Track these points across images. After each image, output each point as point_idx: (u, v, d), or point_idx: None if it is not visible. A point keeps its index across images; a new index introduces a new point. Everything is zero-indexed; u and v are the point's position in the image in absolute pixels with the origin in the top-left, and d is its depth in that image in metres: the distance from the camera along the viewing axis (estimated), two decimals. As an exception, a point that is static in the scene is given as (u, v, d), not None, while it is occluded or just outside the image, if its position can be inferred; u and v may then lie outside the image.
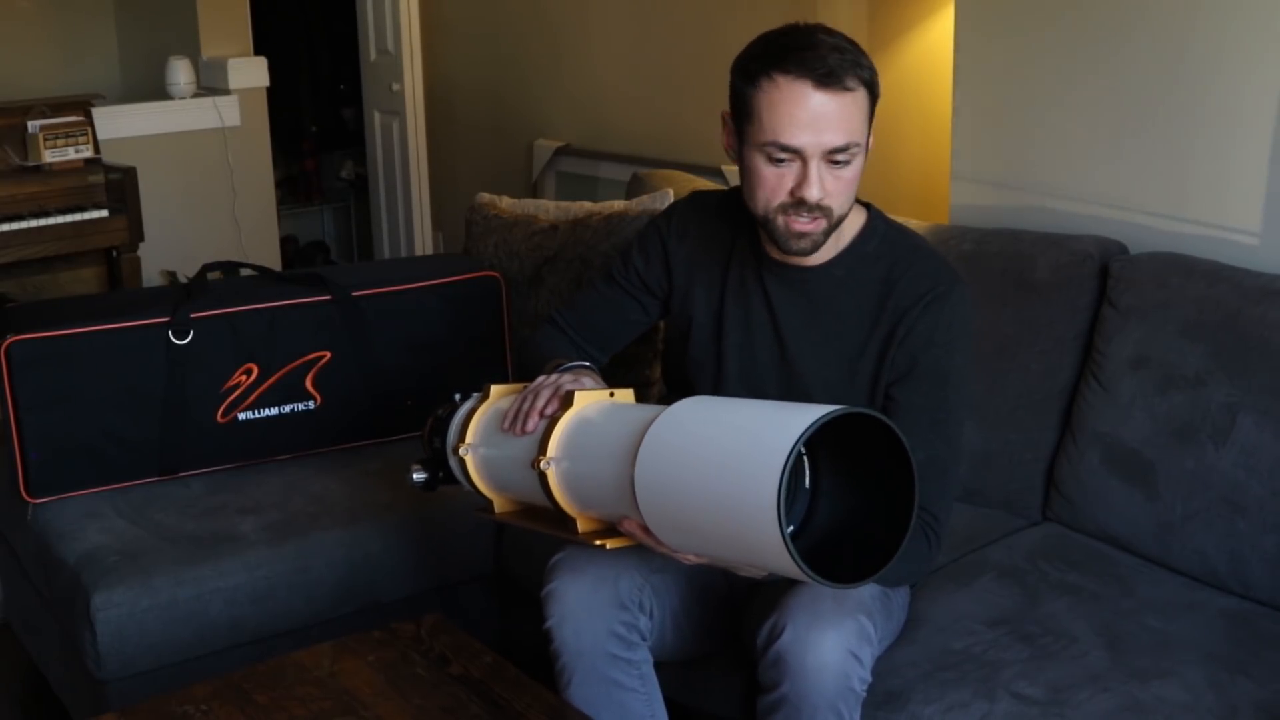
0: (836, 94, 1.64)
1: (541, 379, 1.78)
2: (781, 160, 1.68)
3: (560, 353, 1.96)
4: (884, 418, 1.48)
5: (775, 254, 1.82)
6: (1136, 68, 2.32)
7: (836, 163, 1.68)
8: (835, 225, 1.74)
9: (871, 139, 1.75)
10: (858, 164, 1.70)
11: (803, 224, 1.71)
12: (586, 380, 1.78)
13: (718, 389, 1.91)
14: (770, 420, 1.47)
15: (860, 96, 1.67)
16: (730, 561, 1.60)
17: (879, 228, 1.84)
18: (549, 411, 1.71)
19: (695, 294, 1.93)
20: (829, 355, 1.83)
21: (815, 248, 1.75)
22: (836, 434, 1.47)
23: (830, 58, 1.64)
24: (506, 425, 1.74)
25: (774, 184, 1.70)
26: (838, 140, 1.65)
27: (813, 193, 1.67)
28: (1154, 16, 2.28)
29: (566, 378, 1.76)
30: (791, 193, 1.69)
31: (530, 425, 1.71)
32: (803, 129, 1.65)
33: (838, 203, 1.71)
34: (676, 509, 1.52)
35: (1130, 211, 2.36)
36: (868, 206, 1.86)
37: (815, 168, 1.67)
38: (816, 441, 1.50)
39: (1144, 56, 2.31)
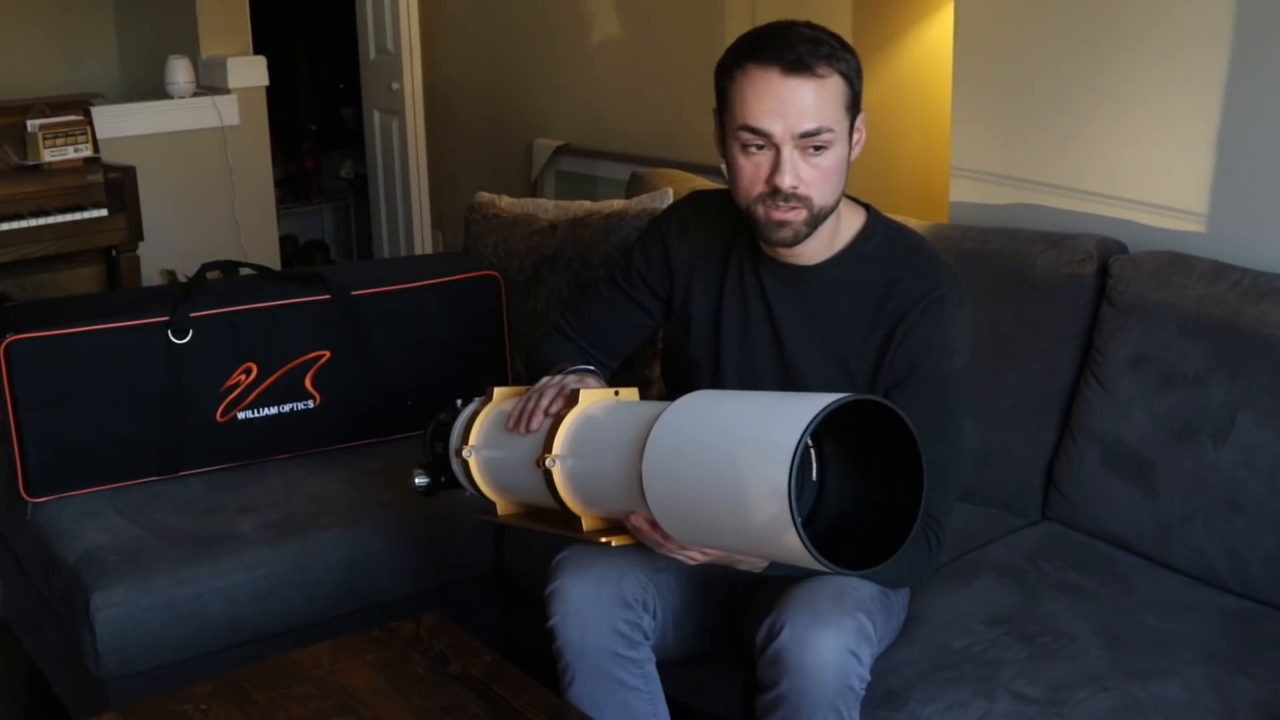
0: (804, 79, 1.66)
1: (545, 379, 1.78)
2: (755, 148, 1.70)
3: (566, 357, 1.96)
4: (893, 405, 1.48)
5: (772, 252, 1.83)
6: (1137, 66, 2.32)
7: (811, 150, 1.68)
8: (819, 217, 1.74)
9: (860, 136, 1.75)
10: (836, 153, 1.70)
11: (781, 213, 1.72)
12: (590, 381, 1.79)
13: (716, 387, 1.91)
14: (780, 407, 1.48)
15: (833, 84, 1.68)
16: (736, 553, 1.60)
17: (879, 228, 1.84)
18: (554, 410, 1.71)
19: (695, 292, 1.93)
20: (826, 355, 1.83)
21: (797, 238, 1.75)
22: (842, 427, 1.48)
23: (801, 47, 1.66)
24: (511, 425, 1.75)
25: (751, 174, 1.71)
26: (807, 124, 1.66)
27: (786, 179, 1.68)
28: (1155, 15, 2.28)
29: (571, 378, 1.77)
30: (767, 181, 1.70)
31: (535, 424, 1.71)
32: (771, 115, 1.67)
33: (817, 192, 1.71)
34: (685, 499, 1.52)
35: (1130, 210, 2.36)
36: (867, 208, 1.86)
37: (788, 154, 1.68)
38: (822, 434, 1.50)
39: (1145, 54, 2.31)
